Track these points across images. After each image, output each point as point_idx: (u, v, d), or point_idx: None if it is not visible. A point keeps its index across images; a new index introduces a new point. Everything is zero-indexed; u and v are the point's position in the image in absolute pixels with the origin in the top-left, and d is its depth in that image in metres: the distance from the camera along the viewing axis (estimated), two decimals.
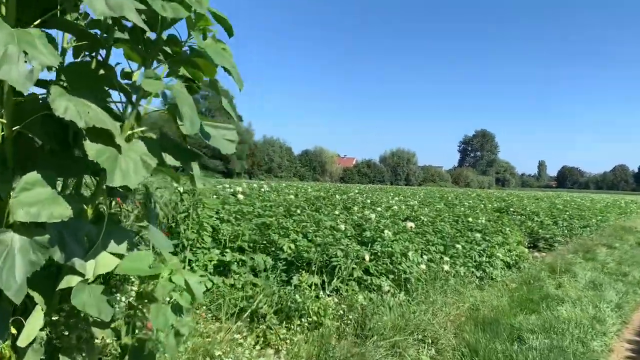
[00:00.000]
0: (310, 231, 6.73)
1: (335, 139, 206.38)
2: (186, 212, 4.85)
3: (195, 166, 2.05)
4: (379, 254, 6.02)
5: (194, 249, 4.91)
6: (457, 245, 7.72)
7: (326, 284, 5.10)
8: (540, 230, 13.73)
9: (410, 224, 6.92)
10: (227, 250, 5.17)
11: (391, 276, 5.77)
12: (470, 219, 9.99)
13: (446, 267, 6.66)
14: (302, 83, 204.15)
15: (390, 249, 5.93)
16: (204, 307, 4.47)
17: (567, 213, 17.79)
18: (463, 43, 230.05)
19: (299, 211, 8.22)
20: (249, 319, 4.34)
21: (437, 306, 5.41)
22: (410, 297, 5.65)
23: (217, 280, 4.95)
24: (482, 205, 18.48)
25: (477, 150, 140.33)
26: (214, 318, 4.35)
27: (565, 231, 13.87)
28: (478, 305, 5.71)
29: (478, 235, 8.59)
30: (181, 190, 4.81)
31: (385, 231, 6.60)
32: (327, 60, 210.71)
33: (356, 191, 18.71)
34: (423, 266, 6.28)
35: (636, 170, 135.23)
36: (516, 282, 7.35)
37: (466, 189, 68.25)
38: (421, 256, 6.97)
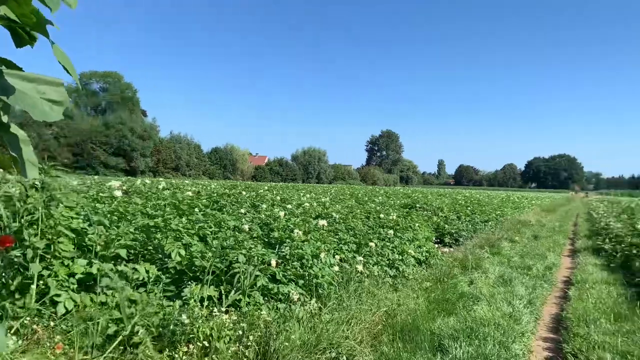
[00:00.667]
0: (209, 233, 5.85)
1: (246, 137, 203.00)
2: (31, 213, 3.72)
3: (26, 148, 1.36)
4: (287, 257, 5.31)
5: (49, 260, 3.80)
6: (371, 244, 7.28)
7: (224, 296, 4.26)
8: (445, 225, 13.96)
9: (322, 222, 6.28)
10: (97, 260, 4.11)
11: (301, 282, 5.09)
12: (381, 215, 9.68)
13: (360, 267, 6.14)
14: (212, 79, 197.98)
15: (300, 250, 5.24)
16: (59, 337, 3.42)
17: (469, 208, 18.52)
18: (372, 46, 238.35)
19: (197, 210, 7.25)
20: (121, 348, 3.39)
21: (351, 313, 4.83)
22: (322, 304, 5.02)
23: (85, 297, 3.90)
24: (391, 202, 18.62)
25: (383, 150, 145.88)
26: (76, 350, 3.32)
27: (469, 226, 14.28)
28: (395, 309, 5.23)
29: (391, 232, 8.25)
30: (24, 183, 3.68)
31: (296, 230, 5.91)
32: (238, 58, 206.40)
33: (266, 188, 17.87)
34: (336, 268, 5.69)
35: (523, 169, 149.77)
36: (430, 280, 7.05)
37: (374, 186, 70.61)
38: (334, 256, 6.39)
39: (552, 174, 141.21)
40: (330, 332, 4.13)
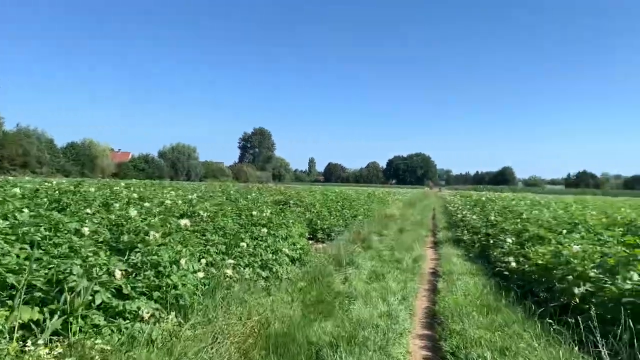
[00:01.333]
0: (40, 238, 4.66)
1: (109, 132, 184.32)
2: None
3: None
4: (139, 265, 4.42)
5: None
6: (242, 243, 6.64)
7: (48, 322, 3.27)
8: (318, 221, 13.91)
9: (184, 222, 5.45)
10: None
11: (157, 294, 4.25)
12: (254, 213, 9.08)
13: (229, 272, 5.48)
14: (68, 68, 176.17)
15: (155, 257, 4.39)
16: None
17: (339, 204, 18.88)
18: (244, 45, 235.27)
19: (26, 210, 5.85)
20: None
21: (218, 326, 4.16)
22: (184, 319, 4.26)
23: None
24: (264, 199, 18.13)
25: (256, 147, 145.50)
26: None
27: (341, 221, 14.44)
28: (268, 316, 4.69)
29: (264, 230, 7.70)
30: None
31: (152, 233, 5.01)
32: (101, 47, 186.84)
33: (123, 185, 16.03)
34: (201, 274, 4.94)
35: (385, 166, 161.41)
36: (304, 279, 6.67)
37: (246, 183, 69.45)
38: (199, 261, 5.63)
39: (410, 171, 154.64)
40: (191, 354, 3.41)
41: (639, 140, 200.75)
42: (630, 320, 3.50)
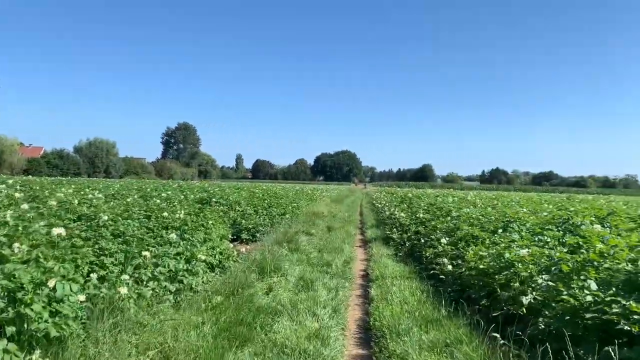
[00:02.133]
0: None
1: (19, 124, 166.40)
2: None
3: None
4: None
5: None
6: (145, 252, 5.58)
7: None
8: (243, 221, 12.95)
9: (58, 231, 4.31)
10: None
11: (11, 329, 3.17)
12: (165, 214, 7.97)
13: (124, 290, 4.44)
14: None
15: (6, 282, 3.29)
16: None
17: (266, 201, 17.98)
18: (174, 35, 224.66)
19: None
20: None
21: None
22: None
23: None
24: (183, 197, 16.72)
25: (180, 143, 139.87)
26: None
27: (267, 220, 13.57)
28: (170, 347, 3.75)
29: (174, 235, 6.66)
30: None
31: (16, 245, 3.87)
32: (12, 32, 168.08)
33: (10, 182, 13.94)
34: (82, 297, 3.88)
35: (312, 163, 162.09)
36: (222, 292, 5.75)
37: (169, 180, 65.79)
38: (88, 275, 4.55)
39: (336, 167, 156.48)
40: None
41: (545, 139, 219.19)
42: (596, 341, 3.01)
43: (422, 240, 9.19)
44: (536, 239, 5.91)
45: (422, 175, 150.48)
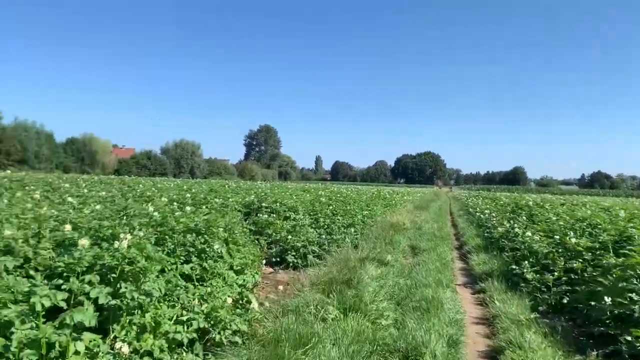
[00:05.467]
0: None
1: (112, 127, 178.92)
2: None
3: None
4: None
5: None
6: None
7: None
8: (289, 237, 9.28)
9: None
10: None
11: None
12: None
13: None
14: (70, 63, 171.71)
15: None
16: None
17: (330, 207, 14.19)
18: (251, 39, 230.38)
19: None
20: None
21: None
22: None
23: None
24: (223, 200, 13.35)
25: (262, 145, 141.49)
26: None
27: (324, 235, 9.76)
28: None
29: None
30: None
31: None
32: (101, 43, 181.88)
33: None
34: None
35: (393, 165, 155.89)
36: None
37: (251, 182, 64.11)
38: None
39: (418, 170, 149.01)
40: None
41: None
42: None
43: (583, 287, 4.89)
44: None
45: (514, 178, 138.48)
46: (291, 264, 8.78)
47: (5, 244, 3.94)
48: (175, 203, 9.31)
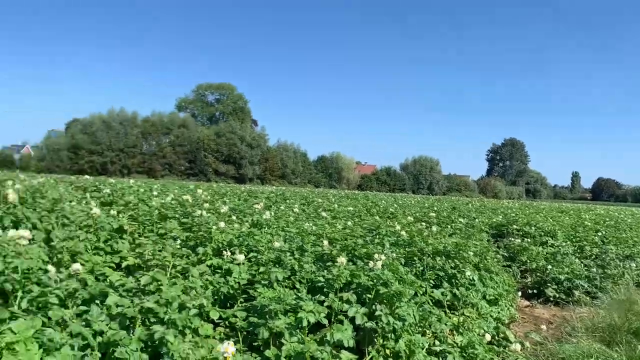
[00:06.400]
0: None
1: (354, 145, 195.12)
2: None
3: None
4: None
5: None
6: None
7: None
8: (549, 267, 8.19)
9: None
10: None
11: None
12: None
13: None
14: (318, 87, 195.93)
15: None
16: None
17: (600, 233, 12.04)
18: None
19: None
20: None
21: None
22: None
23: None
24: (480, 221, 12.73)
25: (506, 160, 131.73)
26: None
27: (594, 268, 8.25)
28: None
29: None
30: None
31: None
32: (341, 67, 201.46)
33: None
34: None
35: None
36: None
37: (494, 199, 60.56)
38: None
39: None
40: None
41: None
42: None
43: None
44: None
45: None
46: (551, 299, 7.74)
47: (276, 256, 4.57)
48: (422, 223, 9.33)
